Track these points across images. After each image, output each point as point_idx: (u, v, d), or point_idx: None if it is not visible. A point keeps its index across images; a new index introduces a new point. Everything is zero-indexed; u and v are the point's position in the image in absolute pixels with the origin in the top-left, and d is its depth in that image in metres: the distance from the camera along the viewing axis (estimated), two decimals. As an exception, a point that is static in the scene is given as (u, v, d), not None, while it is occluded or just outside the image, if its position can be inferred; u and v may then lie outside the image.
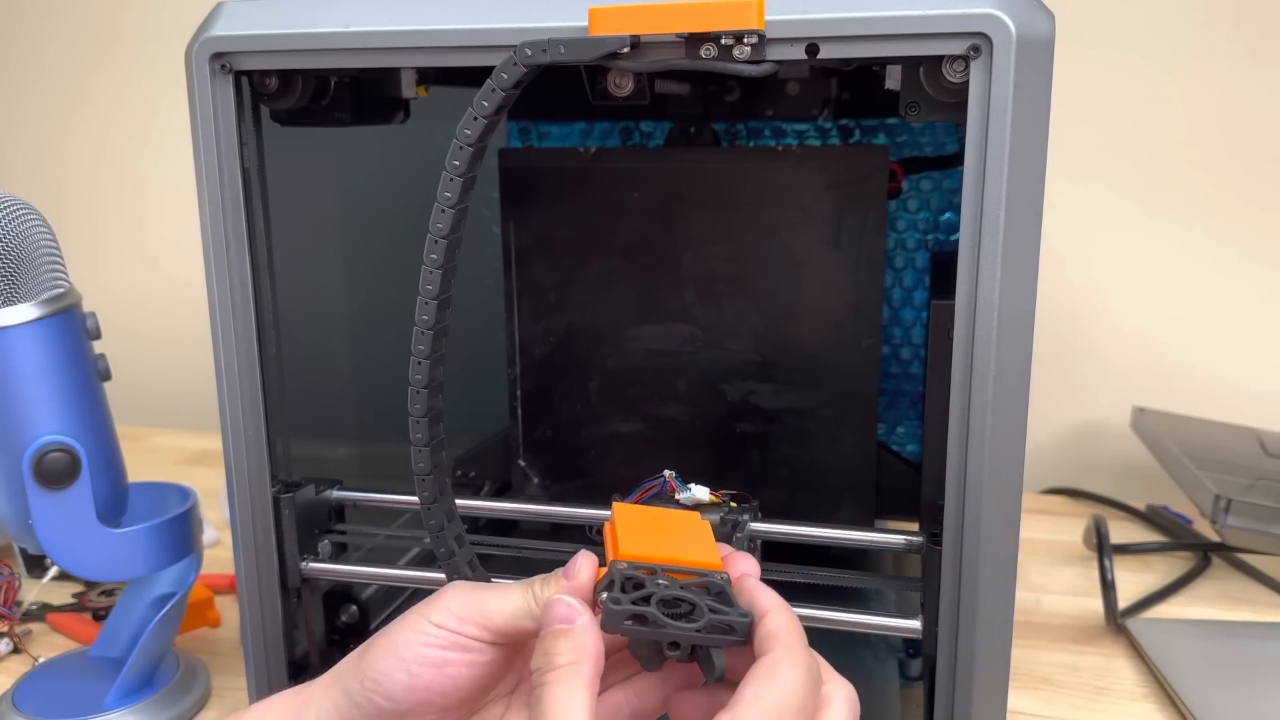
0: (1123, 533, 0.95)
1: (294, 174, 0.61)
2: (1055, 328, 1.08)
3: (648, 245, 0.71)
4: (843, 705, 0.40)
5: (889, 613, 0.56)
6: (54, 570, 0.81)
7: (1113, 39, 1.03)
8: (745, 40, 0.45)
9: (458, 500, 0.53)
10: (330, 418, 0.77)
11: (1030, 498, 1.05)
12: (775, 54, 0.45)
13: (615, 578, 0.42)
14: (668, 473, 0.55)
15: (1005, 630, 0.50)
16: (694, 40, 0.45)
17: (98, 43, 1.33)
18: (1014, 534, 0.48)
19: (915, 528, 0.65)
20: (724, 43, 0.45)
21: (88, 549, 0.61)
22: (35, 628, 0.78)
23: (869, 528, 0.68)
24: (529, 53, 0.46)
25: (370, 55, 0.50)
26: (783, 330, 0.71)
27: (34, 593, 0.82)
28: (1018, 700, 0.68)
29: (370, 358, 0.78)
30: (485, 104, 0.46)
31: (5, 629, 0.75)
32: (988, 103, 0.44)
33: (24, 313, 0.58)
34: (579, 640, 0.40)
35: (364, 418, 0.79)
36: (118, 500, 0.63)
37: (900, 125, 0.78)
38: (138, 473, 0.66)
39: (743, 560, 0.45)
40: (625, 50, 0.46)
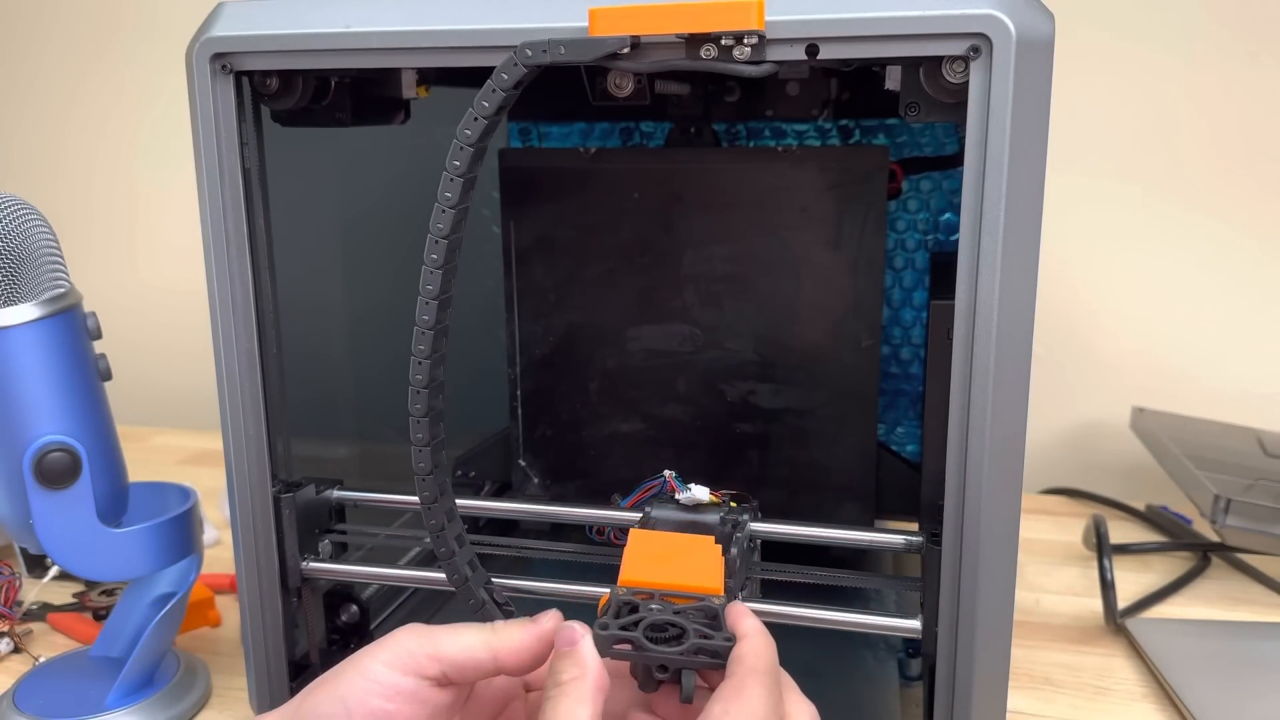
0: (1122, 533, 0.95)
1: (294, 174, 0.61)
2: (1055, 328, 1.08)
3: (648, 245, 0.71)
4: None
5: (889, 613, 0.56)
6: (54, 570, 0.81)
7: (1112, 39, 1.03)
8: (745, 41, 0.45)
9: (458, 500, 0.53)
10: (330, 418, 0.77)
11: (1030, 498, 1.05)
12: (775, 54, 0.45)
13: (613, 603, 0.45)
14: (668, 473, 0.55)
15: (1005, 630, 0.50)
16: (694, 41, 0.45)
17: (92, 41, 1.32)
18: (1014, 534, 0.48)
19: (915, 528, 0.65)
20: (724, 43, 0.45)
21: (88, 549, 0.61)
22: (36, 627, 0.78)
23: (869, 528, 0.69)
24: (529, 53, 0.46)
25: (370, 55, 0.50)
26: (783, 330, 0.71)
27: (34, 592, 0.82)
28: (1017, 700, 0.68)
29: (370, 358, 0.78)
30: (485, 104, 0.46)
31: (6, 629, 0.75)
32: (987, 103, 0.44)
33: (25, 313, 0.58)
34: (581, 658, 0.42)
35: (364, 418, 0.79)
36: (118, 500, 0.63)
37: (900, 125, 0.78)
38: (138, 472, 0.66)
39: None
40: (625, 51, 0.46)
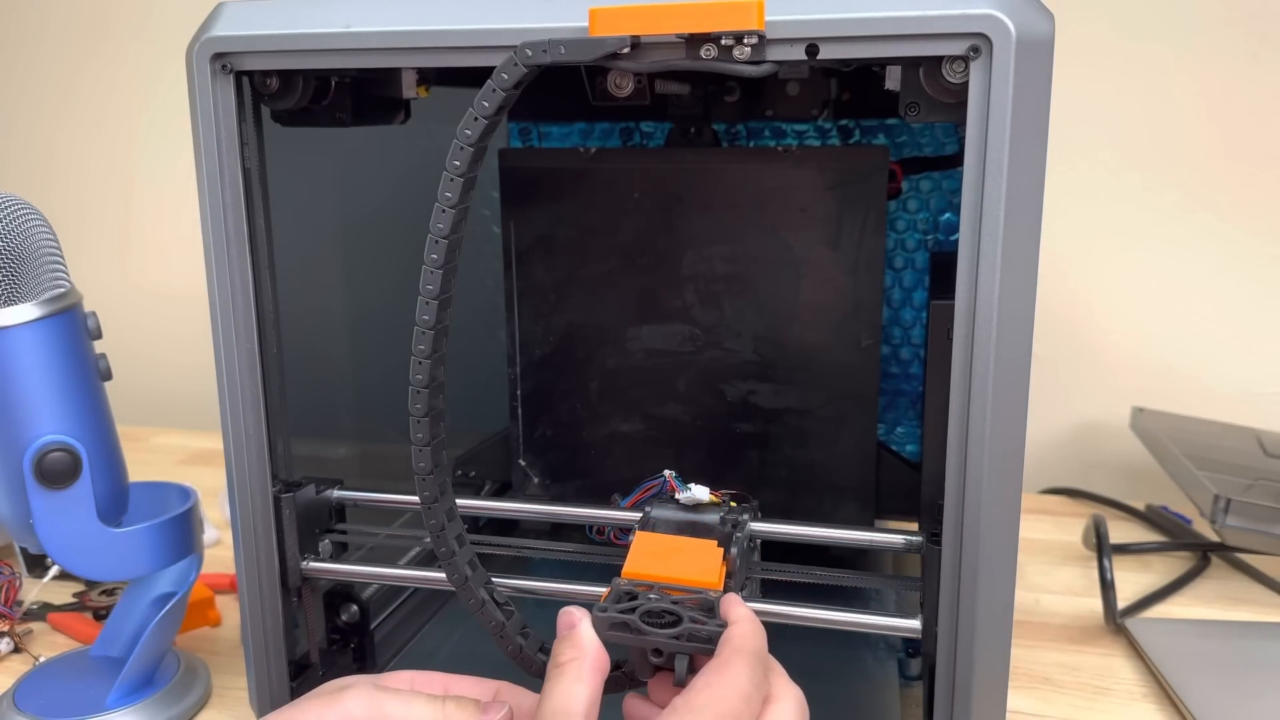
0: (1122, 533, 0.95)
1: (295, 174, 0.61)
2: (1055, 328, 1.08)
3: (648, 245, 0.71)
4: (790, 703, 0.43)
5: (889, 612, 0.56)
6: (55, 570, 0.81)
7: (1112, 38, 1.03)
8: (745, 41, 0.45)
9: (458, 500, 0.53)
10: (330, 418, 0.77)
11: (1030, 498, 1.05)
12: (775, 54, 0.45)
13: (614, 591, 0.46)
14: (668, 473, 0.55)
15: (1005, 630, 0.50)
16: (694, 41, 0.45)
17: (85, 41, 1.32)
18: (1014, 534, 0.48)
19: (915, 528, 0.65)
20: (724, 43, 0.45)
21: (88, 548, 0.61)
22: (36, 627, 0.78)
23: (869, 528, 0.68)
24: (529, 53, 0.46)
25: (371, 55, 0.50)
26: (783, 330, 0.71)
27: (35, 592, 0.82)
28: (1017, 700, 0.68)
29: (370, 357, 0.78)
30: (486, 104, 0.46)
31: (6, 628, 0.75)
32: (987, 103, 0.44)
33: (25, 312, 0.58)
34: (579, 640, 0.44)
35: (364, 418, 0.79)
36: (118, 500, 0.63)
37: (900, 125, 0.78)
38: (138, 472, 0.66)
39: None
40: (625, 51, 0.46)
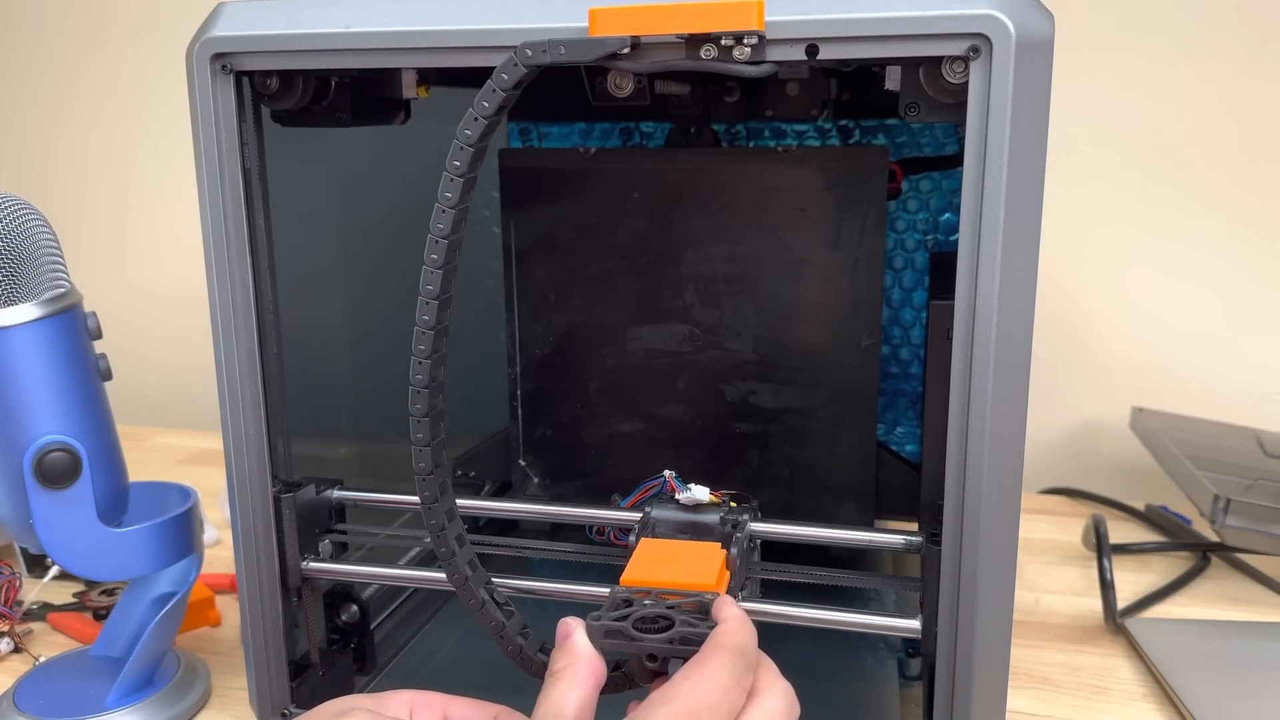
0: (1122, 533, 0.95)
1: (295, 174, 0.61)
2: (1055, 328, 1.08)
3: (648, 245, 0.71)
4: (777, 697, 0.43)
5: (889, 612, 0.56)
6: (55, 570, 0.81)
7: (1112, 37, 1.03)
8: (745, 41, 0.45)
9: (458, 500, 0.53)
10: (330, 418, 0.77)
11: (1030, 498, 1.05)
12: (775, 55, 0.45)
13: (611, 599, 0.47)
14: (668, 473, 0.55)
15: (1005, 630, 0.50)
16: (694, 41, 0.45)
17: (85, 40, 1.32)
18: (1013, 534, 0.48)
19: (915, 528, 0.65)
20: (724, 43, 0.45)
21: (88, 548, 0.61)
22: (36, 627, 0.78)
23: (868, 528, 0.68)
24: (529, 53, 0.46)
25: (371, 55, 0.50)
26: (782, 330, 0.71)
27: (35, 592, 0.82)
28: (1017, 700, 0.68)
29: (370, 358, 0.78)
30: (486, 104, 0.46)
31: (6, 628, 0.75)
32: (987, 103, 0.44)
33: (25, 312, 0.58)
34: (573, 648, 0.44)
35: (364, 418, 0.79)
36: (118, 500, 0.63)
37: (900, 126, 0.78)
38: (138, 472, 0.66)
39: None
40: (625, 51, 0.46)
